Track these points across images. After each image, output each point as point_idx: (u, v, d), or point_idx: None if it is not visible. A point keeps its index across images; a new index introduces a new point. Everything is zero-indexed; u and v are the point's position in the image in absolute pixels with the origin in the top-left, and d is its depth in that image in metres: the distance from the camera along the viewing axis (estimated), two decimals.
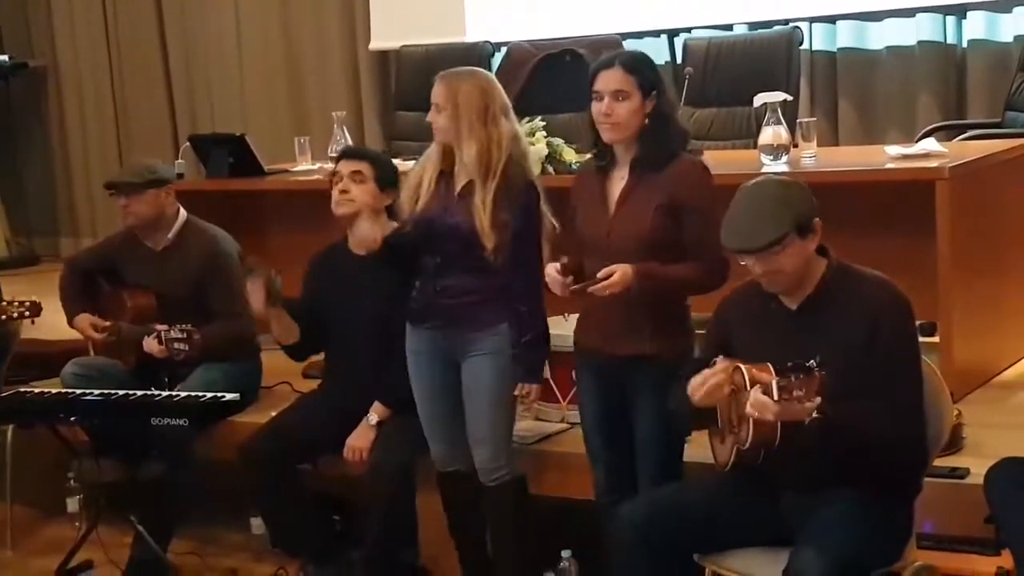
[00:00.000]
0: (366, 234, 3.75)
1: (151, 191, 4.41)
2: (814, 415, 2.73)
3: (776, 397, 2.71)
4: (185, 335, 4.03)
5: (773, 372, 2.80)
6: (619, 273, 3.19)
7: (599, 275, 3.21)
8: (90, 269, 4.64)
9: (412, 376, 3.73)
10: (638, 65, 3.31)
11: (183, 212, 4.52)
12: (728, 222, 2.97)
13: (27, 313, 4.49)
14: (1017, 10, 5.67)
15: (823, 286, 2.97)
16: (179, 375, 4.32)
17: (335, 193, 3.93)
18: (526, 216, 3.51)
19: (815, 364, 2.68)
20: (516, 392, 3.58)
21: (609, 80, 3.28)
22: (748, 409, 2.81)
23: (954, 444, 3.49)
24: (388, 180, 3.95)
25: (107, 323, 4.43)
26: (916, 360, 2.96)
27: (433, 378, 3.70)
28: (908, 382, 2.91)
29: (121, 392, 4.19)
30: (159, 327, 4.12)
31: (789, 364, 2.71)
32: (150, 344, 4.13)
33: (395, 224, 3.82)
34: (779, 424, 2.81)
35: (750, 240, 2.92)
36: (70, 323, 4.56)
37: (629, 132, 3.29)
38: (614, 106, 3.27)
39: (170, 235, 4.49)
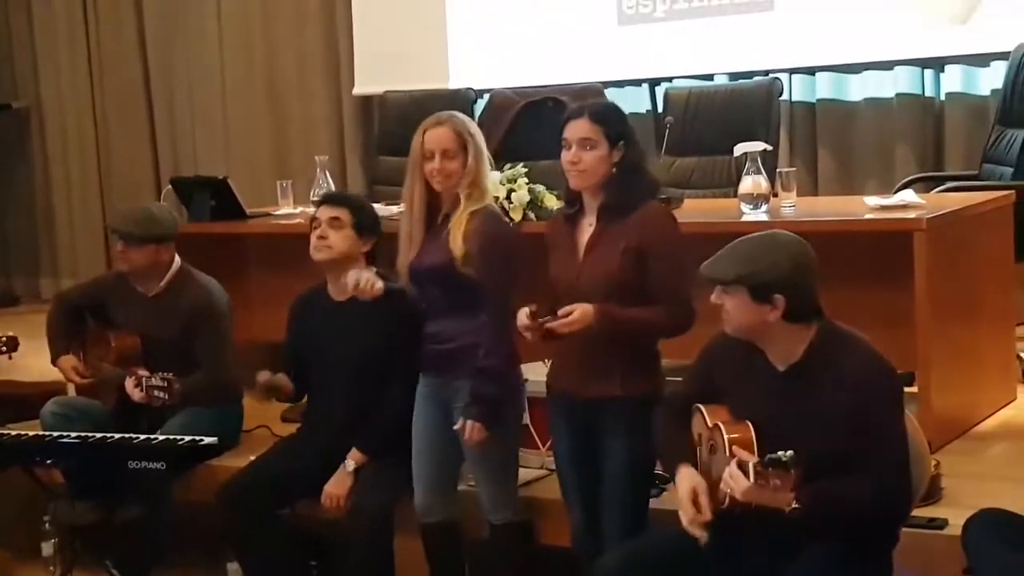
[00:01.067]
0: (364, 284, 3.74)
1: (152, 245, 4.40)
2: (794, 506, 2.73)
3: (751, 479, 2.72)
4: (165, 383, 4.00)
5: (752, 432, 2.80)
6: (579, 311, 3.22)
7: (560, 312, 3.24)
8: (79, 306, 4.61)
9: (414, 420, 3.74)
10: (606, 115, 3.36)
11: (178, 260, 4.50)
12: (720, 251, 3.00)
13: (3, 349, 4.47)
14: (995, 64, 5.73)
15: (811, 352, 2.94)
16: (161, 417, 4.30)
17: (313, 238, 3.95)
18: (491, 239, 3.53)
19: (791, 460, 2.65)
20: (456, 426, 3.56)
21: (577, 129, 3.32)
22: (722, 486, 2.82)
23: (932, 495, 3.49)
24: (367, 227, 3.96)
25: (88, 371, 4.45)
26: (902, 432, 2.93)
27: (428, 423, 3.71)
28: (893, 453, 2.88)
29: (98, 435, 4.17)
30: (141, 372, 4.11)
31: (766, 458, 2.69)
32: (130, 387, 4.11)
33: (374, 271, 3.85)
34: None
35: (707, 264, 2.96)
36: (53, 361, 4.54)
37: (595, 180, 3.33)
38: (581, 154, 3.31)
39: (162, 283, 4.47)
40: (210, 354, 4.34)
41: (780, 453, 2.67)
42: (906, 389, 4.18)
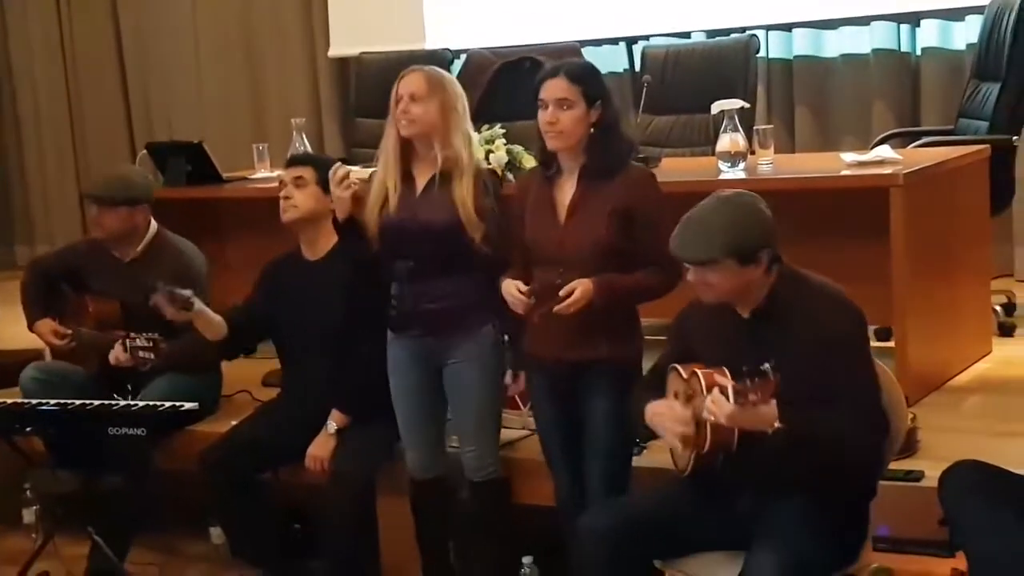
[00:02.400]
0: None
1: (125, 208, 4.37)
2: (777, 425, 2.76)
3: (731, 400, 2.74)
4: (151, 343, 3.99)
5: (728, 375, 2.83)
6: (580, 289, 3.21)
7: (561, 293, 3.22)
8: (54, 273, 4.58)
9: (392, 383, 3.73)
10: (583, 75, 3.33)
11: (154, 224, 4.47)
12: (680, 225, 2.98)
13: None
14: (970, 18, 5.74)
15: (773, 295, 2.98)
16: (141, 383, 4.30)
17: (281, 201, 3.95)
18: (500, 202, 3.54)
19: (769, 368, 2.70)
20: (508, 380, 3.58)
21: (554, 89, 3.30)
22: (705, 413, 2.83)
23: (909, 448, 3.52)
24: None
25: (68, 331, 4.40)
26: (869, 365, 2.98)
27: (414, 385, 3.70)
28: (864, 386, 2.93)
29: (78, 402, 4.15)
30: (121, 334, 4.08)
31: (744, 368, 2.73)
32: (116, 354, 4.08)
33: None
34: (736, 429, 2.83)
35: (684, 250, 2.95)
36: (30, 327, 4.51)
37: (573, 141, 3.31)
38: (558, 115, 3.29)
39: (139, 248, 4.44)
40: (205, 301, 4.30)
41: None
42: (883, 343, 4.26)
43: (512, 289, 3.32)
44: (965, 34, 5.81)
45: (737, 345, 2.96)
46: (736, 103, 4.47)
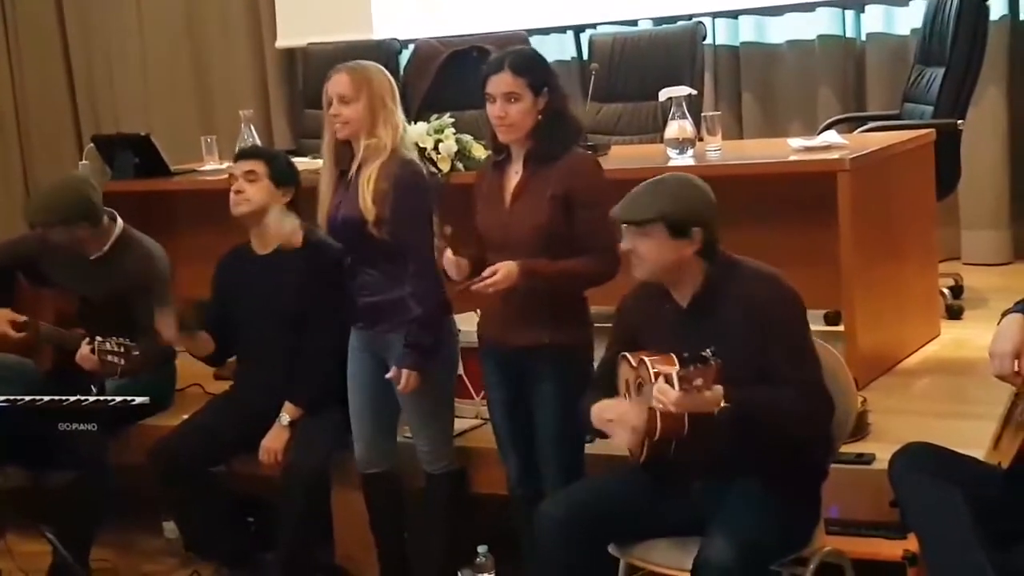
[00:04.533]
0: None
1: (68, 228, 4.22)
2: (722, 404, 2.78)
3: (677, 387, 2.76)
4: (122, 349, 3.82)
5: (676, 362, 2.85)
6: (503, 271, 3.23)
7: (484, 273, 3.25)
8: (9, 264, 4.46)
9: (348, 373, 3.74)
10: (527, 65, 3.34)
11: (120, 222, 4.38)
12: (627, 195, 3.04)
13: None
14: (914, 4, 5.79)
15: (708, 283, 3.02)
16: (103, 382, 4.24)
17: (231, 195, 3.93)
18: (404, 189, 3.51)
19: (710, 354, 2.72)
20: (388, 375, 3.56)
21: (499, 83, 3.30)
22: (653, 402, 2.85)
23: (860, 430, 3.55)
24: (283, 177, 3.94)
25: (24, 319, 4.28)
26: (808, 344, 3.01)
27: (363, 376, 3.71)
28: (805, 364, 2.97)
29: (27, 398, 4.11)
30: (82, 333, 3.99)
31: (685, 355, 2.76)
32: (83, 355, 3.95)
33: (299, 221, 3.89)
34: (686, 415, 2.86)
35: (622, 210, 3.01)
36: None
37: (524, 131, 3.32)
38: (507, 108, 3.30)
39: (105, 247, 4.34)
40: (151, 316, 4.26)
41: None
42: (832, 327, 4.30)
43: (447, 255, 3.33)
44: (909, 19, 5.86)
45: (677, 333, 2.99)
46: (684, 90, 4.49)
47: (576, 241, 3.28)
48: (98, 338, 3.87)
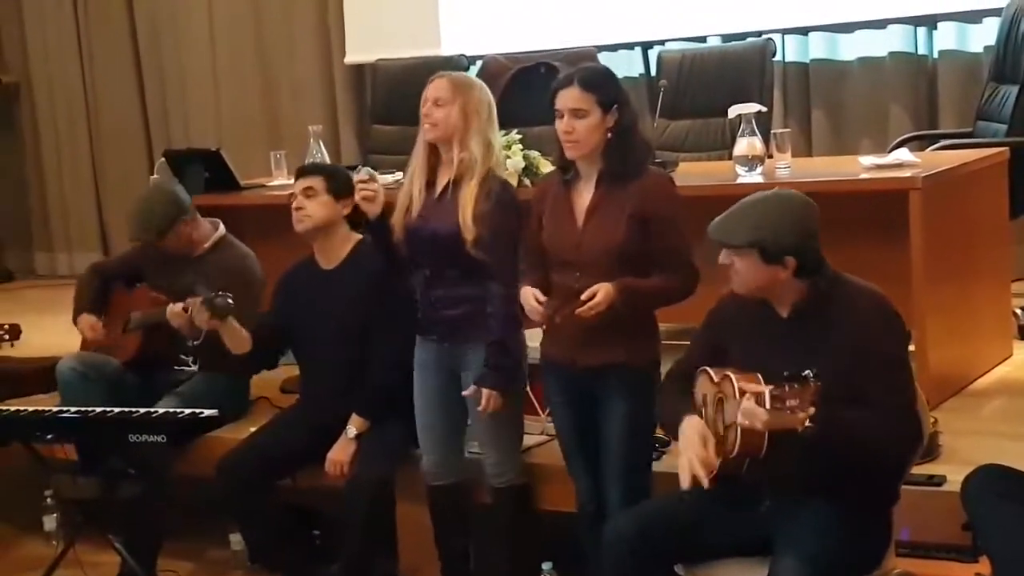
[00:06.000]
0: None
1: (172, 231, 4.39)
2: (807, 424, 2.74)
3: (768, 406, 2.72)
4: (229, 301, 3.84)
5: (762, 382, 2.82)
6: (602, 292, 3.20)
7: (583, 296, 3.22)
8: (114, 276, 4.64)
9: (416, 386, 3.75)
10: (597, 82, 3.32)
11: (221, 227, 4.54)
12: (725, 212, 3.01)
13: (7, 336, 4.42)
14: (987, 20, 5.72)
15: (812, 295, 2.98)
16: (174, 376, 4.32)
17: (294, 212, 3.96)
18: (502, 211, 3.52)
19: (811, 374, 2.68)
20: (466, 393, 3.57)
21: (567, 99, 3.30)
22: (739, 419, 2.81)
23: (931, 452, 3.51)
24: (342, 190, 3.95)
25: (105, 329, 4.45)
26: (908, 369, 2.97)
27: (434, 389, 3.71)
28: (901, 389, 2.92)
29: (98, 409, 4.17)
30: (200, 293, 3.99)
31: (785, 374, 2.71)
32: (174, 311, 4.06)
33: (359, 236, 3.91)
34: (767, 433, 2.83)
35: (714, 229, 2.98)
36: (75, 319, 4.56)
37: (590, 148, 3.31)
38: (574, 124, 3.29)
39: (207, 244, 4.49)
40: (242, 314, 4.29)
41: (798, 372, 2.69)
42: None
43: (530, 298, 3.32)
44: (982, 36, 5.79)
45: (774, 344, 2.96)
46: (753, 107, 4.46)
47: (654, 259, 3.27)
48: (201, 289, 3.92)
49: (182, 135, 7.81)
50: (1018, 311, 4.89)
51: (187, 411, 4.08)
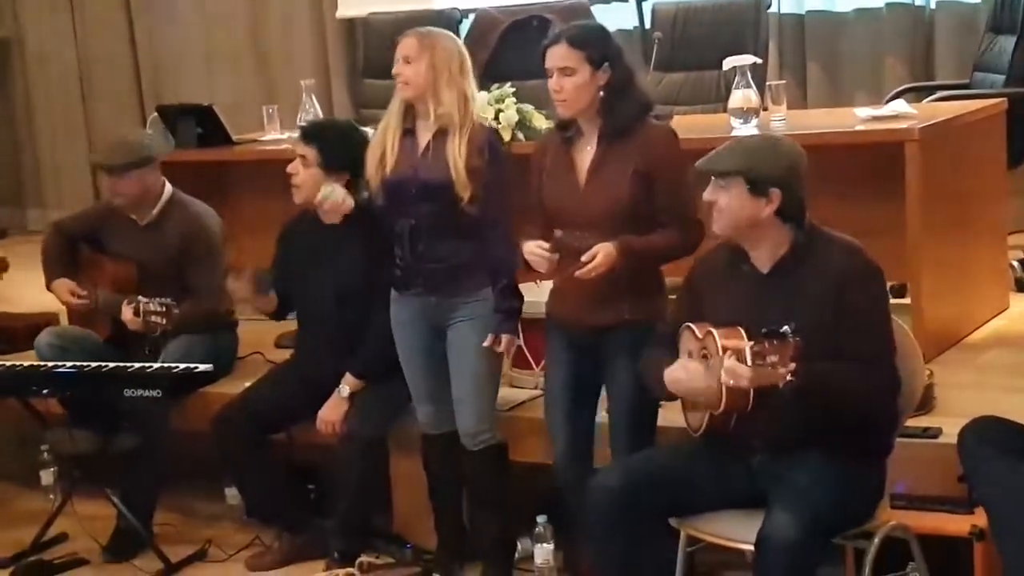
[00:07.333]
0: (336, 202, 3.77)
1: (136, 171, 4.35)
2: (788, 379, 2.74)
3: (749, 363, 2.73)
4: (163, 308, 4.00)
5: (744, 336, 2.81)
6: (602, 254, 3.18)
7: (583, 258, 3.19)
8: (76, 235, 4.57)
9: (398, 342, 3.73)
10: (586, 38, 3.28)
11: (168, 187, 4.47)
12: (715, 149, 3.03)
13: None
14: None
15: (794, 250, 2.98)
16: (158, 345, 4.30)
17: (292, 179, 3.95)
18: (494, 163, 3.51)
19: (790, 330, 2.68)
20: (487, 343, 3.55)
21: (555, 57, 3.26)
22: (722, 377, 2.82)
23: (926, 404, 3.51)
24: (334, 165, 3.90)
25: (85, 291, 4.38)
26: (886, 321, 2.97)
27: (418, 344, 3.70)
28: (878, 341, 2.93)
29: (94, 364, 4.17)
30: (139, 298, 4.09)
31: (764, 330, 2.72)
32: (126, 313, 4.09)
33: (351, 198, 3.86)
34: (752, 390, 2.82)
35: (706, 160, 2.99)
36: (48, 286, 4.50)
37: (580, 106, 3.27)
38: (562, 82, 3.25)
39: (155, 211, 4.42)
40: (202, 277, 4.31)
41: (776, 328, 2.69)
42: (899, 300, 4.24)
43: (535, 248, 3.28)
44: None
45: (753, 300, 2.96)
46: (748, 59, 4.43)
47: (658, 214, 3.25)
48: (140, 298, 4.04)
49: (174, 91, 7.74)
50: (1015, 263, 4.89)
51: (182, 366, 4.09)
